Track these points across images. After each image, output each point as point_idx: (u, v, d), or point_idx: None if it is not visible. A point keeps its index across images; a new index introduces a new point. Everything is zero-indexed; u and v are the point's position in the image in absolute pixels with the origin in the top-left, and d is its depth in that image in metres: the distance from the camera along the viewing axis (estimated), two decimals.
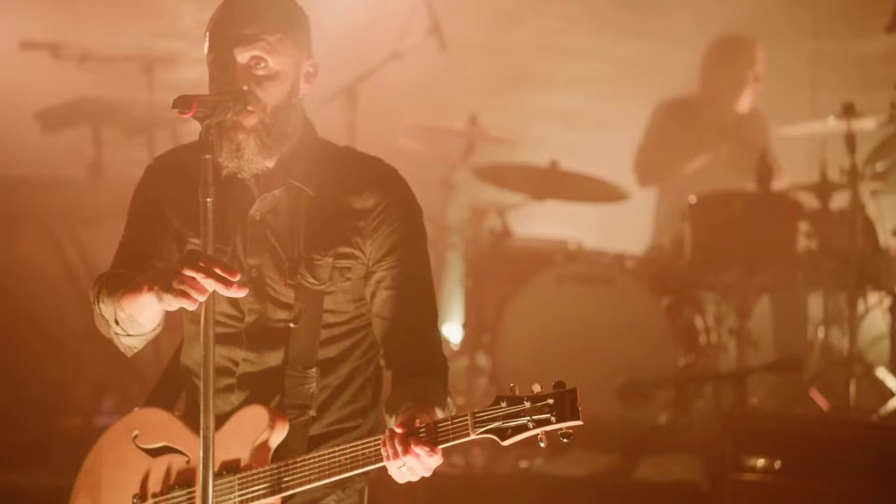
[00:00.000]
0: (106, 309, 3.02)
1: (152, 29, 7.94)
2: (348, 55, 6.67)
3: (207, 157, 2.79)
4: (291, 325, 3.04)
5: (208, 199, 2.77)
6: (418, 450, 2.76)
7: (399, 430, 2.78)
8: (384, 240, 3.05)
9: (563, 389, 2.73)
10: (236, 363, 3.07)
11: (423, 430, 2.78)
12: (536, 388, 2.75)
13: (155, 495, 3.04)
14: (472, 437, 2.77)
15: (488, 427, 2.76)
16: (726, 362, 6.38)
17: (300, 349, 3.05)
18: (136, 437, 3.10)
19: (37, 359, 6.69)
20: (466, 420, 2.77)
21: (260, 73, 2.98)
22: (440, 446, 2.77)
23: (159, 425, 3.10)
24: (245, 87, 2.96)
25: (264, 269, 3.05)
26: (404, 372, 3.01)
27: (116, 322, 3.01)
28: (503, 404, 2.75)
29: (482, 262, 6.79)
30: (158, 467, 3.06)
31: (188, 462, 3.02)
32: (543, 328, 6.28)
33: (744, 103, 7.16)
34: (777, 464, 5.29)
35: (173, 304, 2.80)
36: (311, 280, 3.03)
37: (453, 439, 2.78)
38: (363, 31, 7.36)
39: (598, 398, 5.97)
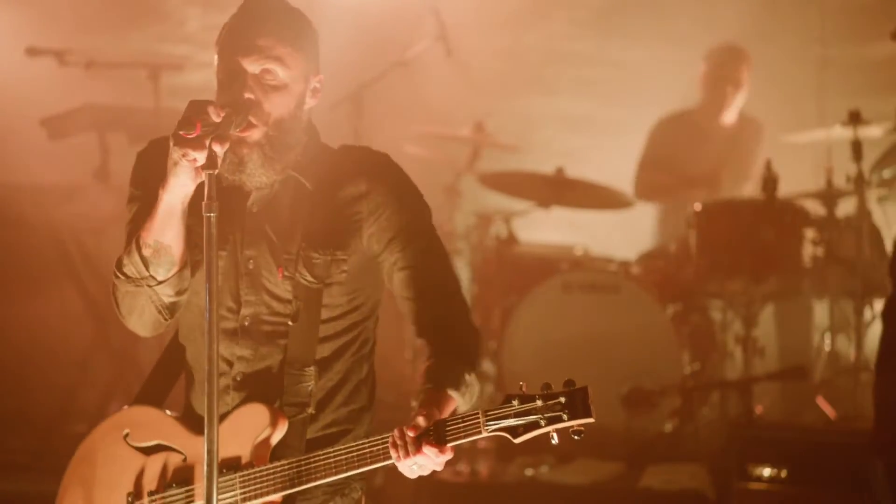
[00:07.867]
0: (130, 265, 2.97)
1: (158, 33, 7.95)
2: (355, 62, 6.66)
3: (212, 172, 2.78)
4: (290, 322, 3.04)
5: (212, 215, 2.76)
6: (428, 450, 2.77)
7: (410, 433, 2.78)
8: (385, 223, 3.05)
9: (574, 388, 2.75)
10: (231, 363, 3.06)
11: (432, 430, 2.79)
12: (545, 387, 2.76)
13: (150, 493, 3.03)
14: (484, 434, 2.78)
15: (500, 425, 2.77)
16: (732, 370, 6.36)
17: (298, 347, 3.05)
18: (126, 435, 3.08)
19: (43, 365, 6.68)
20: (478, 418, 2.78)
21: (268, 83, 2.99)
22: (450, 444, 2.79)
23: (151, 423, 3.09)
24: (251, 96, 2.96)
25: (260, 261, 3.05)
26: (432, 347, 2.98)
27: (146, 267, 2.95)
28: (514, 402, 2.77)
29: (488, 269, 6.79)
30: (153, 465, 3.05)
31: (184, 460, 3.02)
32: (549, 335, 6.26)
33: (729, 113, 7.12)
34: (783, 472, 5.28)
35: (186, 165, 2.81)
36: (309, 279, 3.04)
37: (464, 437, 2.79)
38: (369, 38, 7.36)
39: (604, 406, 5.93)
